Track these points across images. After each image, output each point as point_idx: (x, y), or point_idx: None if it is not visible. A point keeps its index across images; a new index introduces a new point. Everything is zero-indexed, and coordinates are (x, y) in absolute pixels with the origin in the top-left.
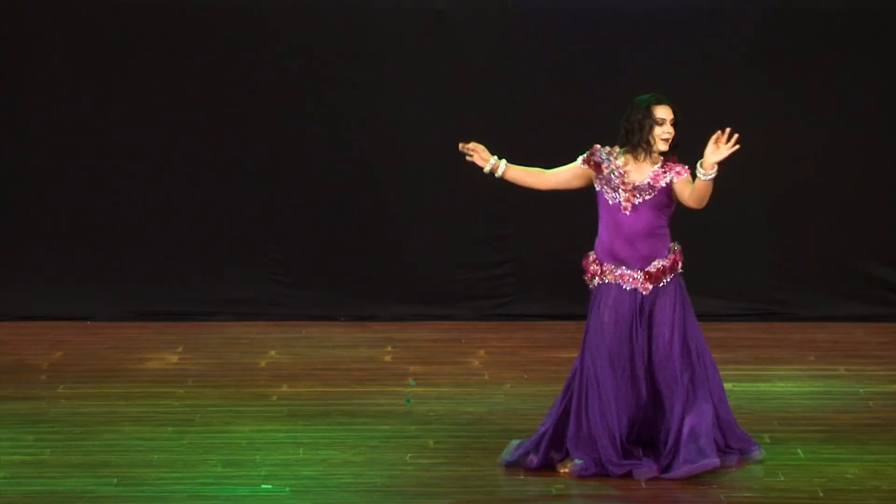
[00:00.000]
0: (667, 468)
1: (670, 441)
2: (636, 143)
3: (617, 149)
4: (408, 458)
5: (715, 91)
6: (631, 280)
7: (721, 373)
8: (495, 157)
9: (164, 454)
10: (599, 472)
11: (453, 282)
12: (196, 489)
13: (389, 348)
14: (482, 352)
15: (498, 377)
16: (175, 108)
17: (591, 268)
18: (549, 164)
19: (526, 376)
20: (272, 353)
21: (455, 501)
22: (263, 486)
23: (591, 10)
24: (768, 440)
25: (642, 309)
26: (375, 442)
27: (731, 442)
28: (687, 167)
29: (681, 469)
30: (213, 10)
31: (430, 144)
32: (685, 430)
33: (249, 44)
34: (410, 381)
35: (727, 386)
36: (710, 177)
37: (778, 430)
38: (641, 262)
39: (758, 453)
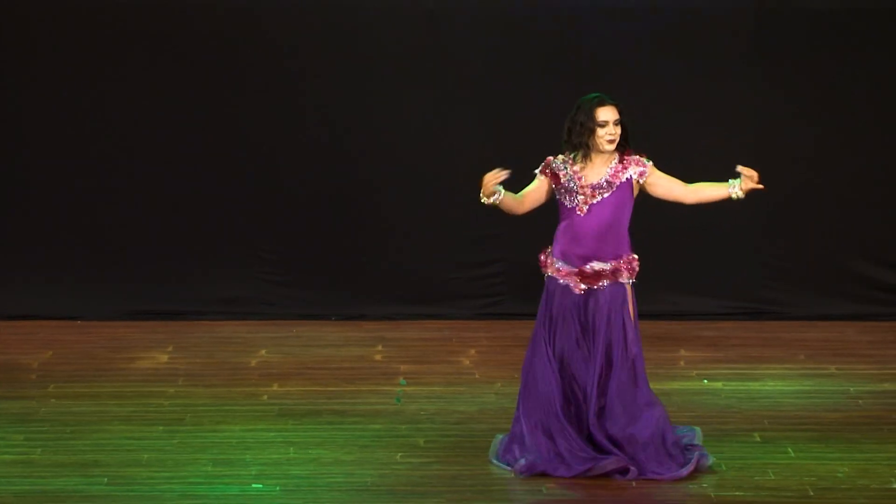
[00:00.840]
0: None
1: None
2: (578, 144)
3: (571, 154)
4: (398, 457)
5: (710, 91)
6: (565, 276)
7: (711, 371)
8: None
9: (154, 453)
10: (550, 469)
11: (444, 281)
12: (186, 488)
13: (380, 347)
14: (473, 351)
15: (489, 376)
16: (167, 108)
17: (541, 258)
18: (535, 157)
19: (517, 375)
20: (263, 352)
21: (446, 501)
22: (254, 485)
23: (584, 10)
24: (759, 439)
25: (578, 307)
26: (366, 441)
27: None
28: (644, 156)
29: (656, 473)
30: (210, 10)
31: (421, 144)
32: (641, 437)
33: (241, 43)
34: (401, 380)
35: (717, 385)
36: (738, 197)
37: (768, 428)
38: (583, 261)
39: (704, 461)
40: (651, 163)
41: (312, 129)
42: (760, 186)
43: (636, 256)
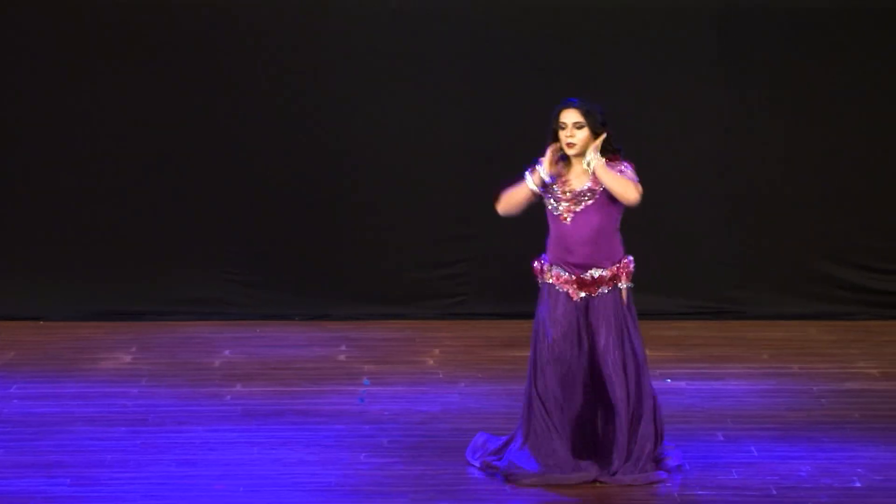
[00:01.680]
0: (612, 474)
1: (615, 449)
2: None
3: (560, 157)
4: (362, 457)
5: (673, 90)
6: (563, 283)
7: (675, 371)
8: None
9: (117, 454)
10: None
11: (408, 281)
12: (149, 489)
13: (344, 347)
14: (436, 350)
15: (452, 376)
16: (130, 106)
17: (535, 265)
18: (506, 160)
19: (480, 375)
20: (226, 352)
21: (410, 500)
22: (217, 485)
23: (551, 9)
24: (722, 438)
25: (577, 314)
26: (329, 441)
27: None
28: (630, 164)
29: (627, 477)
30: (183, 10)
31: (384, 145)
32: (635, 442)
33: (206, 43)
34: (365, 380)
35: (680, 384)
36: (589, 169)
37: (731, 427)
38: (580, 269)
39: (672, 461)
40: (631, 167)
41: (276, 130)
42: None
43: (631, 258)
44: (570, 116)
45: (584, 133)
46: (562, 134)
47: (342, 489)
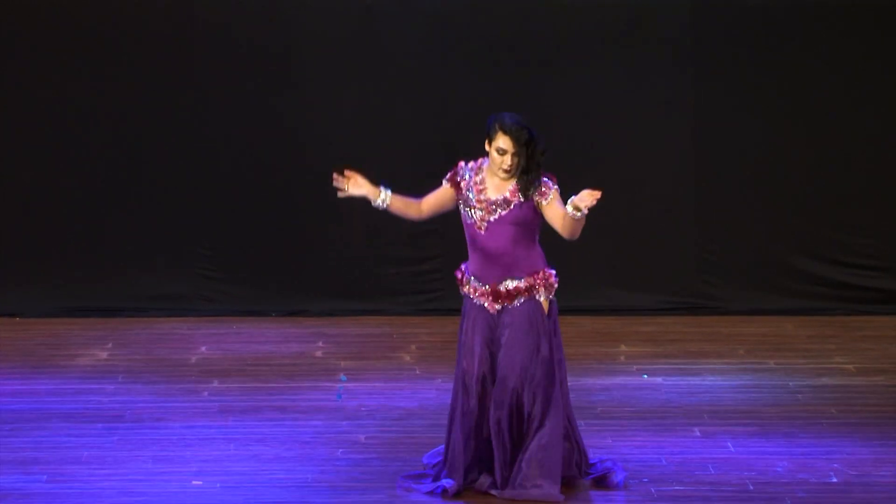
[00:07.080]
0: (503, 484)
1: (511, 464)
2: (486, 153)
3: (483, 163)
4: (339, 453)
5: (643, 86)
6: (480, 296)
7: (651, 367)
8: (381, 188)
9: (94, 451)
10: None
11: (383, 276)
12: (126, 485)
13: (320, 343)
14: (413, 346)
15: (429, 372)
16: (100, 103)
17: (458, 275)
18: (479, 154)
19: None
20: (202, 348)
21: (386, 497)
22: (194, 482)
23: (518, 4)
24: (698, 434)
25: (491, 326)
26: (307, 437)
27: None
28: (553, 180)
29: (516, 490)
30: (145, 4)
31: (358, 139)
32: (527, 454)
33: (175, 37)
34: (341, 376)
35: (657, 380)
36: (578, 216)
37: (708, 423)
38: (496, 280)
39: (616, 476)
40: (556, 189)
41: (250, 125)
42: (596, 194)
43: (553, 272)
44: (507, 144)
45: (518, 160)
46: (498, 158)
47: (319, 485)
